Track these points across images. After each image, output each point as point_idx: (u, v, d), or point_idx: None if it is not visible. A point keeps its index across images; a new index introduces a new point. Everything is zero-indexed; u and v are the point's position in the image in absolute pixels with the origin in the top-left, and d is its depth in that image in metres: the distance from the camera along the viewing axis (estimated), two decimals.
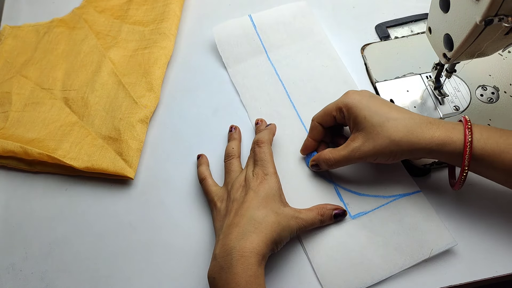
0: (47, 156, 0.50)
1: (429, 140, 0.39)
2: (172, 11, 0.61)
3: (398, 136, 0.40)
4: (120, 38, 0.61)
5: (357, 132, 0.43)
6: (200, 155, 0.51)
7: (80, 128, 0.53)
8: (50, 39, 0.63)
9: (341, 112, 0.44)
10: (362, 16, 0.60)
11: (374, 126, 0.41)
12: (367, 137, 0.42)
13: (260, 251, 0.37)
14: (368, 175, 0.47)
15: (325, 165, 0.45)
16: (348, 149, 0.43)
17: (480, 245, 0.42)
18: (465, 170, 0.39)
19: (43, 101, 0.57)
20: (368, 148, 0.42)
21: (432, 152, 0.40)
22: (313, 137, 0.48)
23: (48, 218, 0.49)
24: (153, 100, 0.54)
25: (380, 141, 0.41)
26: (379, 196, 0.45)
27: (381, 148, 0.41)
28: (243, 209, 0.40)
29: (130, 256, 0.46)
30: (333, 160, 0.44)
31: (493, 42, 0.39)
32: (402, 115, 0.41)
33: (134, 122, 0.52)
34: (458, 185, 0.41)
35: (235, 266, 0.36)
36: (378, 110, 0.42)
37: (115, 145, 0.51)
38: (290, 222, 0.41)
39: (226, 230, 0.40)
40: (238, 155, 0.49)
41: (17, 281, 0.46)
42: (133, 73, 0.57)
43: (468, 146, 0.38)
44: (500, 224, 0.43)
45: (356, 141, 0.43)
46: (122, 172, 0.49)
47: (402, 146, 0.40)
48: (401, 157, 0.42)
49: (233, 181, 0.45)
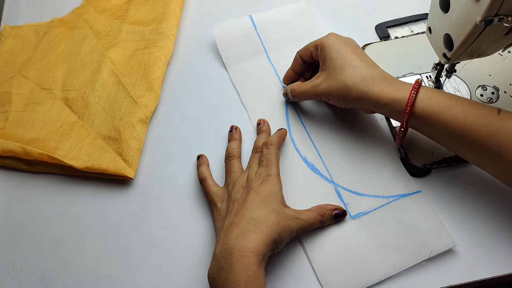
0: (47, 156, 0.50)
1: (377, 94, 0.42)
2: (172, 11, 0.61)
3: (351, 82, 0.43)
4: (120, 38, 0.61)
5: (322, 71, 0.46)
6: (200, 155, 0.50)
7: (80, 128, 0.53)
8: (50, 39, 0.63)
9: (317, 49, 0.47)
10: (362, 16, 0.60)
11: (335, 68, 0.44)
12: (326, 77, 0.45)
13: (260, 251, 0.37)
14: (369, 175, 0.47)
15: (291, 95, 0.50)
16: (309, 84, 0.47)
17: (480, 245, 0.42)
18: (403, 126, 0.41)
19: (43, 101, 0.57)
20: (324, 87, 0.45)
21: (379, 107, 0.42)
22: (293, 69, 0.52)
23: (48, 218, 0.49)
24: (153, 100, 0.54)
25: (335, 83, 0.44)
26: (379, 196, 0.45)
27: (334, 90, 0.44)
28: (243, 209, 0.40)
29: (130, 256, 0.46)
30: (296, 91, 0.49)
31: (493, 42, 0.39)
32: (362, 64, 0.44)
33: (134, 122, 0.52)
34: (397, 140, 0.44)
35: (235, 266, 0.36)
36: (345, 55, 0.44)
37: (115, 145, 0.51)
38: (290, 223, 0.41)
39: (227, 229, 0.40)
40: (238, 155, 0.49)
41: (17, 281, 0.46)
42: (133, 73, 0.57)
43: (409, 105, 0.40)
44: (500, 224, 0.43)
45: (318, 78, 0.46)
46: (122, 172, 0.49)
47: (352, 93, 0.43)
48: (350, 103, 0.45)
49: (234, 181, 0.45)
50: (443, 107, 0.40)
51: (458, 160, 0.47)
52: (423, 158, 0.47)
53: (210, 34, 0.60)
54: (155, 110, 0.55)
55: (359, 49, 0.46)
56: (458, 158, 0.46)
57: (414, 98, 0.40)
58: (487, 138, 0.38)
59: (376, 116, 0.51)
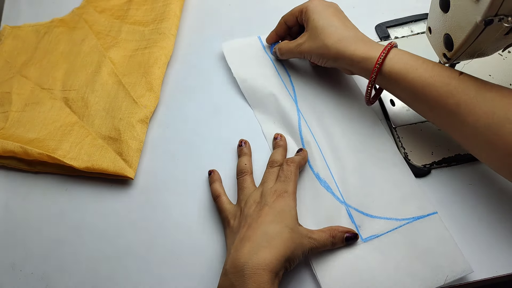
0: (47, 156, 0.50)
1: (352, 52, 0.44)
2: (172, 11, 0.61)
3: (329, 41, 0.46)
4: (120, 38, 0.61)
5: (306, 32, 0.49)
6: (211, 170, 0.49)
7: (80, 128, 0.53)
8: (50, 39, 0.63)
9: (301, 13, 0.50)
10: (362, 16, 0.60)
11: (317, 29, 0.47)
12: (309, 37, 0.48)
13: (274, 268, 0.36)
14: (381, 196, 0.45)
15: (279, 53, 0.54)
16: (294, 43, 0.51)
17: (480, 245, 0.42)
18: (370, 83, 0.44)
19: (43, 101, 0.57)
20: (306, 46, 0.49)
21: (353, 65, 0.45)
22: (276, 32, 0.55)
23: (48, 218, 0.49)
24: (153, 100, 0.54)
25: (316, 42, 0.47)
26: (392, 219, 0.44)
27: (315, 49, 0.47)
28: (256, 223, 0.39)
29: (130, 256, 0.46)
30: (283, 49, 0.53)
31: (493, 42, 0.39)
32: (342, 26, 0.46)
33: (134, 122, 0.52)
34: (365, 97, 0.46)
35: (247, 284, 0.35)
36: (327, 17, 0.47)
37: (115, 145, 0.51)
38: (303, 241, 0.40)
39: (238, 243, 0.38)
40: (250, 171, 0.48)
41: (17, 281, 0.46)
42: (133, 73, 0.57)
43: (377, 64, 0.42)
44: (500, 224, 0.43)
45: (302, 38, 0.50)
46: (122, 172, 0.49)
47: (330, 52, 0.46)
48: (328, 62, 0.47)
49: (246, 198, 0.44)
50: (410, 66, 0.41)
51: (458, 160, 0.47)
52: (423, 158, 0.47)
53: (210, 34, 0.60)
54: (155, 110, 0.55)
55: (341, 13, 0.49)
56: (458, 158, 0.46)
57: (384, 58, 0.42)
58: (446, 96, 0.39)
59: (390, 134, 0.49)
